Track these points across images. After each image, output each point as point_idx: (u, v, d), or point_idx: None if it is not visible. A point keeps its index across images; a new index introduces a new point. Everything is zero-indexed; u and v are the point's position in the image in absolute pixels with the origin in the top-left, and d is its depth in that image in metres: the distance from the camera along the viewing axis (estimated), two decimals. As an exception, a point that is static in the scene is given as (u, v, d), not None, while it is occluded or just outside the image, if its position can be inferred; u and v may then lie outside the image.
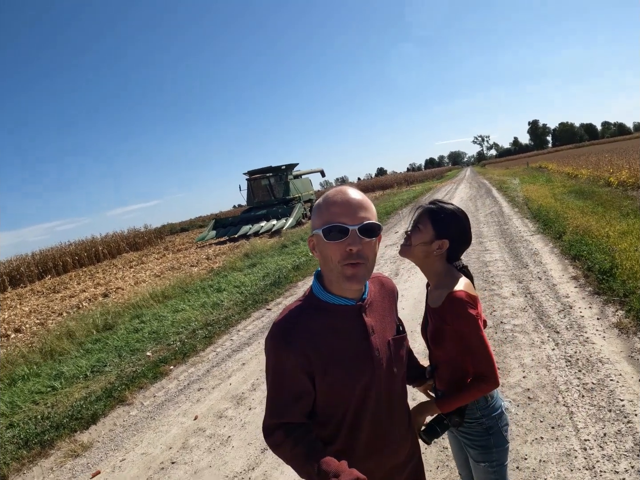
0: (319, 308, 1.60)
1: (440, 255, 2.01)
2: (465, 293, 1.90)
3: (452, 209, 2.03)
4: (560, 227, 10.23)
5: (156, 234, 42.48)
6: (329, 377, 1.54)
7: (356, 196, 1.54)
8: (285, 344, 1.53)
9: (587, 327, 5.12)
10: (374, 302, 1.69)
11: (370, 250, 1.53)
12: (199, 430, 4.63)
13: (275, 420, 1.57)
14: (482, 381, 1.89)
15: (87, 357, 7.58)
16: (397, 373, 1.69)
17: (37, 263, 30.02)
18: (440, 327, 1.96)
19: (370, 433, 1.63)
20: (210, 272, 13.74)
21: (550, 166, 36.70)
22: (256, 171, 29.05)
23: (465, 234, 2.04)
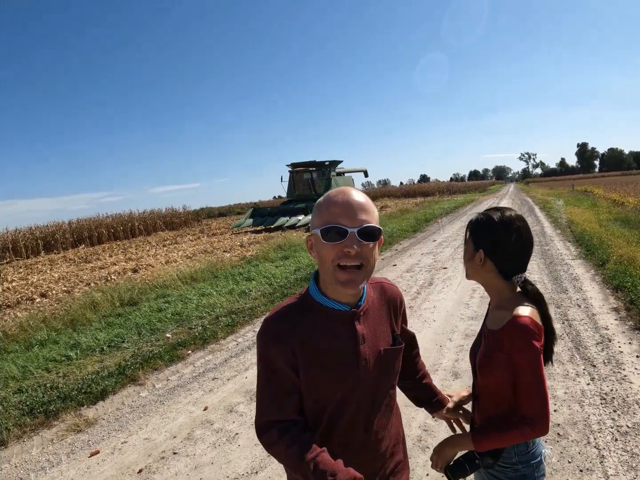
0: (311, 308, 1.57)
1: (491, 270, 1.79)
2: (530, 320, 1.65)
3: (490, 214, 1.79)
4: (603, 254, 9.82)
5: (194, 216, 42.97)
6: (311, 377, 1.53)
7: (358, 198, 1.50)
8: (273, 340, 1.53)
9: (626, 364, 4.81)
10: (370, 309, 1.64)
11: (369, 253, 1.49)
12: (207, 422, 4.47)
13: (266, 418, 1.55)
14: (530, 425, 1.63)
15: (106, 331, 7.53)
16: (386, 385, 1.66)
17: (72, 231, 30.56)
18: (493, 353, 1.73)
19: (341, 440, 1.59)
20: (242, 260, 13.67)
21: (597, 191, 35.70)
22: (300, 164, 28.97)
23: (502, 243, 1.75)
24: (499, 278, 1.78)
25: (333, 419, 1.57)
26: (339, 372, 1.54)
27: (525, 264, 1.79)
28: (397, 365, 1.70)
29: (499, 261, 1.76)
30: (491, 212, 1.81)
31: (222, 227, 32.13)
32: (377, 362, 1.59)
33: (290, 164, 29.15)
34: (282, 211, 25.96)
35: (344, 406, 1.56)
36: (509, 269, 1.77)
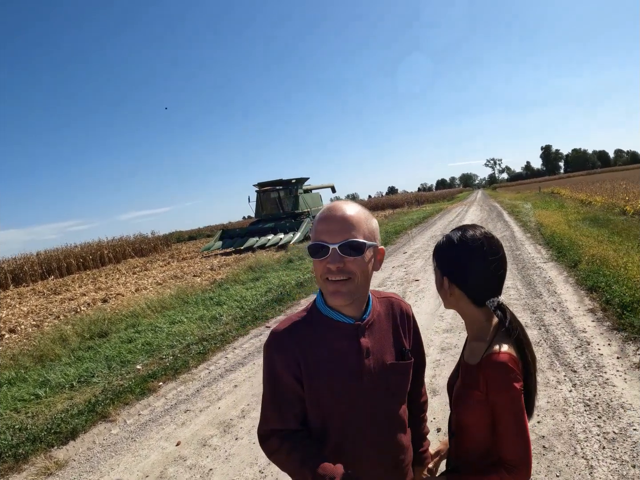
0: (317, 321, 1.59)
1: (460, 297, 1.61)
2: (509, 356, 1.48)
3: (450, 236, 1.63)
4: (575, 255, 9.86)
5: (163, 241, 42.60)
6: (314, 388, 1.53)
7: (343, 212, 1.50)
8: (278, 350, 1.56)
9: (607, 367, 4.74)
10: (376, 323, 1.62)
11: (356, 266, 1.48)
12: (180, 459, 4.26)
13: (269, 427, 1.59)
14: (509, 471, 1.46)
15: (76, 365, 7.27)
16: (394, 400, 1.63)
17: (41, 263, 29.95)
18: (469, 390, 1.55)
19: (352, 456, 1.55)
20: (213, 284, 13.48)
21: (563, 192, 36.29)
22: (266, 183, 28.83)
23: (465, 267, 1.58)
24: (471, 305, 1.61)
25: (341, 434, 1.56)
26: (343, 384, 1.53)
27: (497, 287, 1.61)
28: (405, 381, 1.66)
29: (465, 287, 1.59)
30: (452, 233, 1.64)
31: (192, 251, 31.93)
32: (384, 377, 1.57)
33: (257, 184, 29.01)
34: (251, 232, 25.82)
35: (350, 420, 1.55)
36: (478, 295, 1.59)
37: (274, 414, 1.58)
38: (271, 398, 1.58)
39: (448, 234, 1.66)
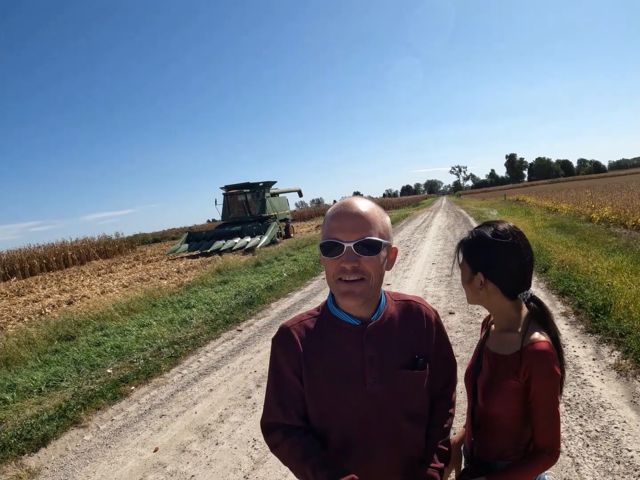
0: (325, 319, 1.56)
1: (494, 292, 1.62)
2: (549, 345, 1.52)
3: (483, 231, 1.64)
4: (544, 260, 10.03)
5: (127, 243, 41.98)
6: (314, 387, 1.50)
7: (358, 209, 1.44)
8: (282, 345, 1.55)
9: (584, 368, 4.84)
10: (386, 326, 1.54)
11: (371, 266, 1.43)
12: (159, 465, 4.13)
13: (270, 420, 1.57)
14: (550, 455, 1.51)
15: (43, 369, 7.03)
16: (401, 410, 1.51)
17: (3, 264, 29.12)
18: (502, 380, 1.57)
19: (360, 463, 1.49)
20: (180, 287, 13.26)
21: (529, 199, 36.98)
22: (233, 186, 28.64)
23: (501, 261, 1.59)
24: (504, 299, 1.62)
25: (342, 438, 1.50)
26: (344, 387, 1.48)
27: (529, 279, 1.64)
28: (416, 392, 1.54)
29: (500, 282, 1.60)
30: (483, 228, 1.66)
31: (157, 254, 31.50)
32: (390, 384, 1.49)
33: (224, 187, 28.80)
34: (218, 235, 25.59)
35: (353, 426, 1.49)
36: (513, 288, 1.61)
37: (277, 408, 1.55)
38: (274, 391, 1.57)
39: (477, 229, 1.68)
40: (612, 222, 15.10)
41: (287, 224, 30.43)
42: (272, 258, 17.04)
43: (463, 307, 7.66)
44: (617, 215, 15.29)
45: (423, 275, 11.06)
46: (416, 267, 12.35)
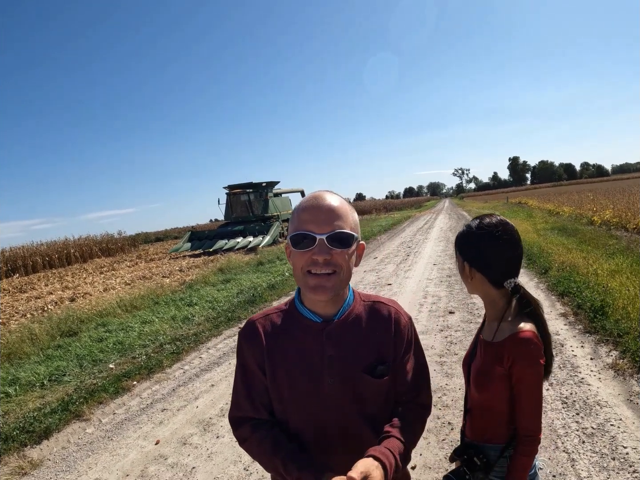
0: (290, 314, 1.55)
1: (482, 281, 1.70)
2: (534, 334, 1.59)
3: (470, 224, 1.74)
4: (545, 262, 10.09)
5: (130, 242, 42.04)
6: (276, 382, 1.50)
7: (329, 202, 1.43)
8: (246, 338, 1.55)
9: (581, 367, 4.89)
10: (351, 327, 1.50)
11: (341, 260, 1.41)
12: (160, 458, 4.18)
13: (238, 414, 1.57)
14: (532, 444, 1.58)
15: (46, 364, 7.09)
16: (360, 414, 1.49)
17: (6, 260, 29.24)
18: (491, 367, 1.64)
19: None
20: (183, 285, 13.33)
21: (531, 202, 36.96)
22: (236, 186, 28.65)
23: (483, 251, 1.67)
24: (491, 288, 1.71)
25: (305, 435, 1.50)
26: (303, 385, 1.47)
27: (515, 269, 1.71)
28: (377, 397, 1.50)
29: (485, 271, 1.69)
30: (471, 222, 1.75)
31: (159, 252, 31.55)
32: (348, 387, 1.47)
33: (227, 186, 28.81)
34: (220, 234, 25.64)
35: (314, 425, 1.49)
36: (497, 277, 1.68)
37: (244, 401, 1.55)
38: (241, 384, 1.57)
39: (468, 223, 1.76)
40: (613, 225, 15.12)
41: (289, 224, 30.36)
42: (274, 258, 17.07)
43: (463, 307, 7.71)
44: (618, 218, 15.31)
45: (424, 275, 11.11)
46: (417, 267, 12.40)
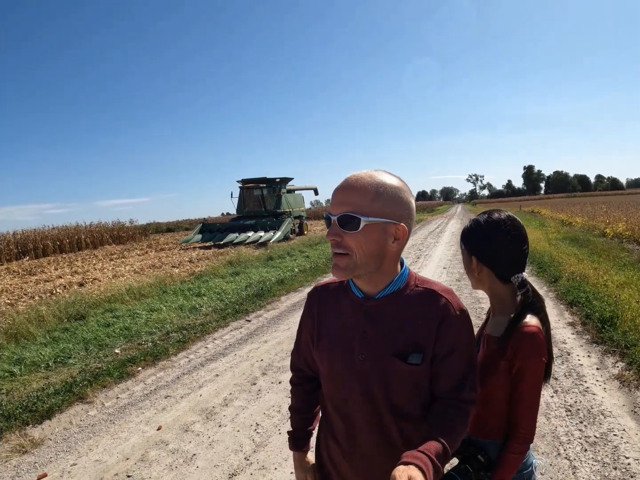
0: (344, 288, 1.57)
1: (488, 276, 1.70)
2: (538, 329, 1.57)
3: (478, 219, 1.73)
4: (555, 271, 10.04)
5: (141, 231, 42.18)
6: (318, 349, 1.57)
7: (352, 182, 1.37)
8: (308, 303, 1.67)
9: (587, 377, 4.87)
10: (393, 308, 1.44)
11: (354, 242, 1.35)
12: (162, 443, 4.20)
13: (292, 358, 1.80)
14: (525, 441, 1.55)
15: (52, 346, 7.13)
16: (381, 402, 1.43)
17: (17, 242, 29.42)
18: (493, 359, 1.63)
19: (340, 438, 1.55)
20: (192, 275, 13.36)
21: (544, 212, 36.75)
22: (250, 180, 28.66)
23: (492, 246, 1.65)
24: (498, 283, 1.70)
25: (333, 407, 1.56)
26: (339, 356, 1.50)
27: (521, 264, 1.70)
28: (402, 384, 1.42)
29: (493, 266, 1.68)
30: (479, 216, 1.75)
31: (170, 243, 31.58)
32: (376, 366, 1.42)
33: (241, 180, 28.83)
34: (232, 227, 25.67)
35: (342, 398, 1.51)
36: (505, 272, 1.68)
37: (295, 353, 1.77)
38: (297, 338, 1.75)
39: (475, 217, 1.76)
40: (626, 238, 15.03)
41: (301, 221, 30.39)
42: (284, 253, 17.10)
43: (471, 311, 7.67)
44: (630, 231, 15.22)
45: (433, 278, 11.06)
46: (427, 270, 12.37)
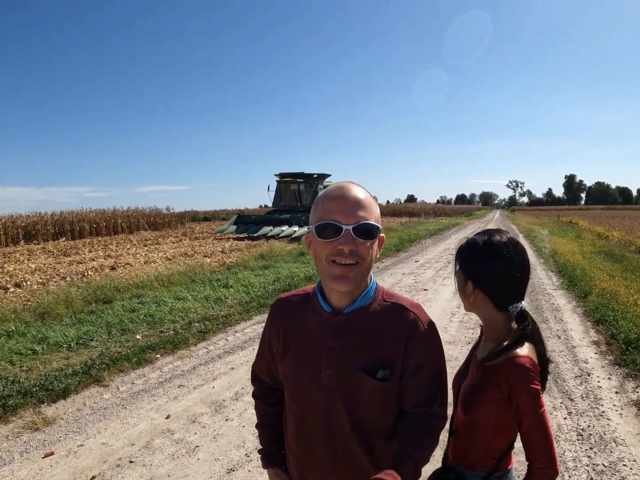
0: (310, 301, 1.57)
1: (484, 301, 1.61)
2: (530, 360, 1.49)
3: (476, 239, 1.64)
4: (586, 286, 9.82)
5: (177, 218, 42.67)
6: (283, 363, 1.56)
7: (355, 193, 1.42)
8: (271, 314, 1.65)
9: (604, 400, 4.71)
10: (360, 323, 1.47)
11: (365, 251, 1.40)
12: (168, 432, 4.26)
13: (254, 369, 1.79)
14: (542, 474, 1.46)
15: (76, 327, 7.31)
16: (348, 416, 1.45)
17: (54, 223, 30.16)
18: (481, 389, 1.56)
19: (302, 449, 1.56)
20: (222, 266, 13.50)
21: (582, 223, 35.90)
22: (287, 174, 28.68)
23: (491, 272, 1.57)
24: (493, 309, 1.62)
25: (298, 420, 1.55)
26: (305, 370, 1.50)
27: (521, 292, 1.62)
28: (370, 400, 1.44)
29: (490, 292, 1.60)
30: (478, 236, 1.66)
31: (205, 232, 31.83)
32: (343, 382, 1.44)
33: (278, 174, 28.88)
34: (267, 220, 25.70)
35: (307, 414, 1.51)
36: (502, 300, 1.59)
37: (258, 360, 1.74)
38: (260, 349, 1.72)
39: (473, 237, 1.67)
40: (663, 256, 14.58)
41: None
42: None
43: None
44: (668, 249, 14.75)
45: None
46: (454, 276, 12.21)
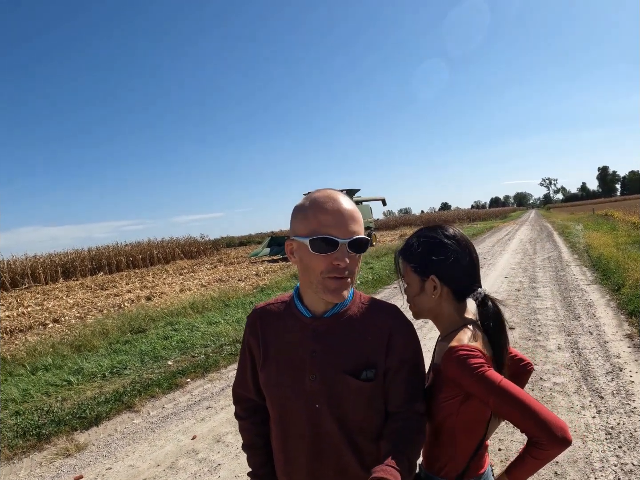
0: (288, 308, 1.57)
1: (447, 295, 1.55)
2: (459, 344, 1.43)
3: (429, 234, 1.57)
4: (619, 278, 9.56)
5: (213, 245, 43.18)
6: (264, 371, 1.53)
7: (348, 206, 1.41)
8: (249, 325, 1.61)
9: (636, 395, 4.53)
10: (341, 327, 1.48)
11: (355, 263, 1.42)
12: (192, 452, 4.33)
13: (236, 389, 1.70)
14: (538, 446, 1.32)
15: (111, 357, 7.51)
16: (338, 416, 1.44)
17: (91, 259, 30.90)
18: (437, 391, 1.49)
19: (288, 457, 1.53)
20: (255, 289, 13.62)
21: (616, 214, 34.91)
22: (315, 192, 28.77)
23: (456, 259, 1.52)
24: (454, 303, 1.56)
25: (283, 429, 1.53)
26: (288, 378, 1.48)
27: (479, 277, 1.59)
28: (355, 401, 1.44)
29: (455, 282, 1.54)
30: (429, 231, 1.60)
31: (240, 256, 32.23)
32: (328, 385, 1.43)
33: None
34: None
35: (292, 420, 1.49)
36: (464, 287, 1.55)
37: (240, 379, 1.67)
38: (240, 365, 1.67)
39: (418, 233, 1.63)
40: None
41: (369, 232, 30.19)
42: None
43: (525, 322, 7.45)
44: None
45: (492, 288, 10.77)
46: (488, 280, 12.04)
